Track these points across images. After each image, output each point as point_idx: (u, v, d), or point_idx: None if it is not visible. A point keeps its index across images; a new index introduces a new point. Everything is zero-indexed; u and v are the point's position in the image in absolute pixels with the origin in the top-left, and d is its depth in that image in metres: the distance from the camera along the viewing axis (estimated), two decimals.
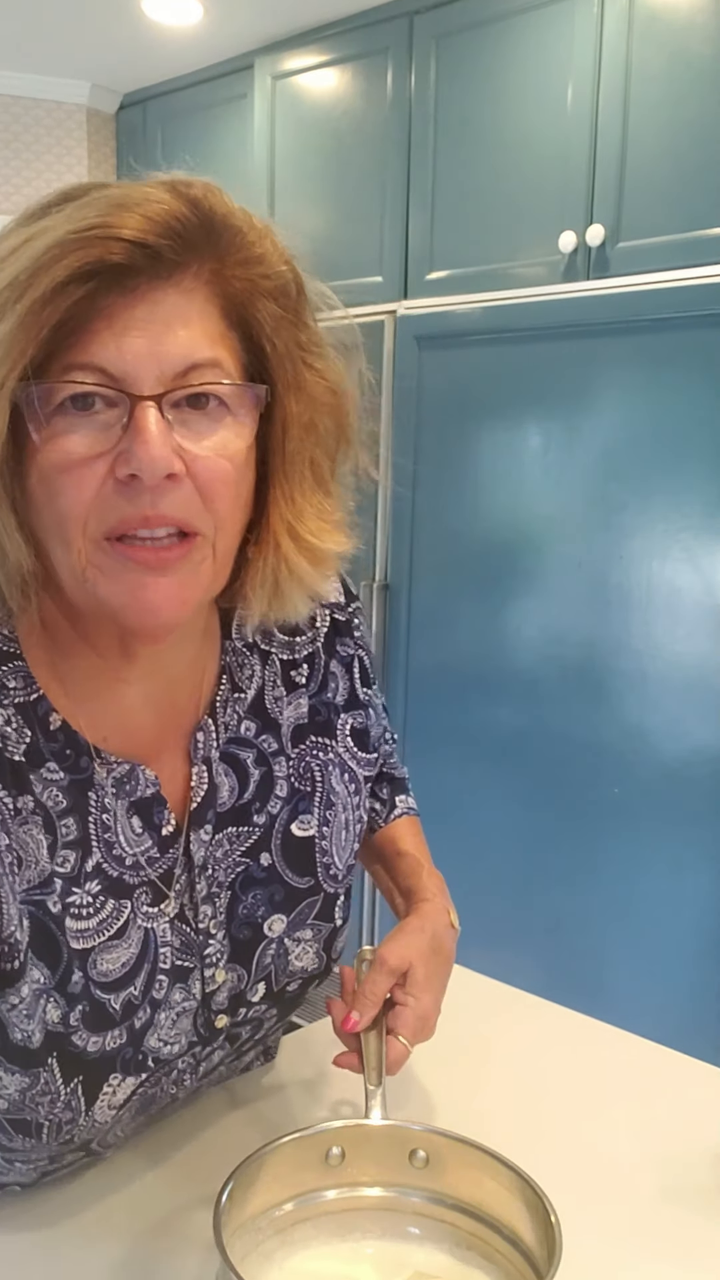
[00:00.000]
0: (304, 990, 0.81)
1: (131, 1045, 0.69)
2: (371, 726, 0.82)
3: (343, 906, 0.79)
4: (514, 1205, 0.69)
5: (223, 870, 0.73)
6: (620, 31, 1.95)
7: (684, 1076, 0.97)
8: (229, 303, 0.61)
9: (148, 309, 0.57)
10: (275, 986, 0.77)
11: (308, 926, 0.77)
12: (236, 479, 0.61)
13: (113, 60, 2.69)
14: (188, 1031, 0.73)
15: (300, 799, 0.77)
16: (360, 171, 2.37)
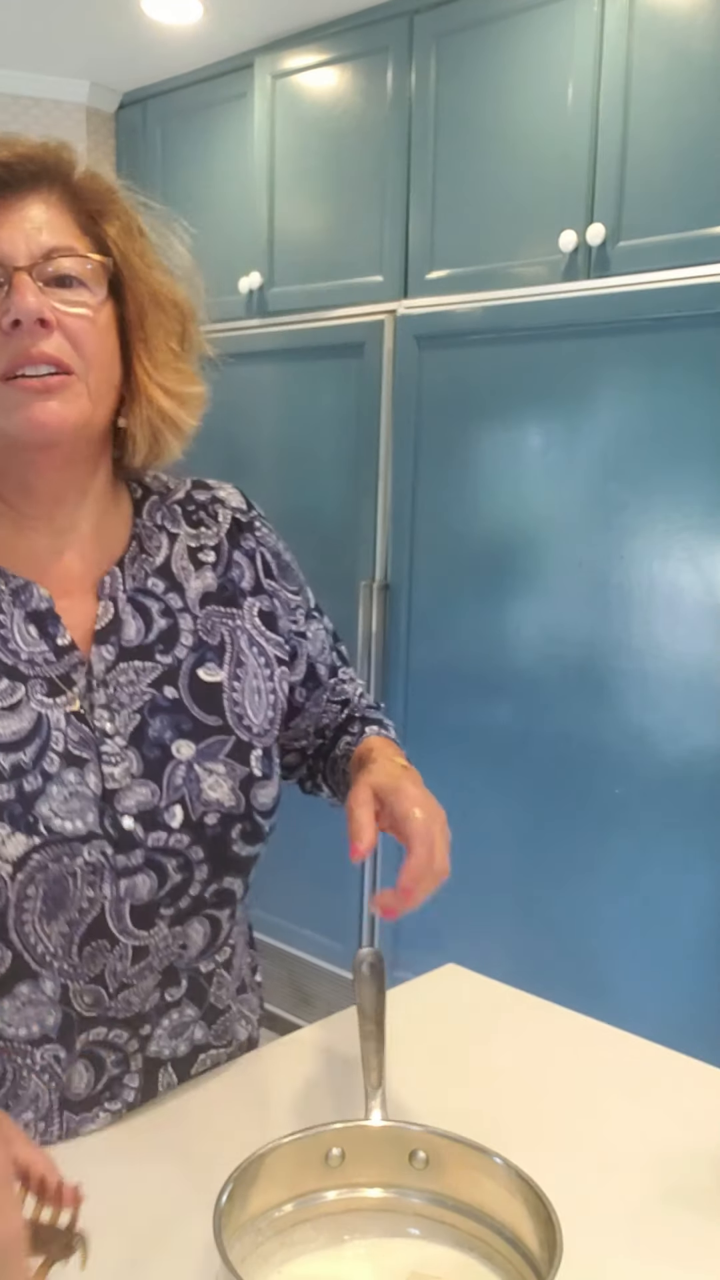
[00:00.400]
0: (226, 832, 0.84)
1: (20, 804, 0.77)
2: (279, 615, 0.94)
3: (261, 761, 0.87)
4: (514, 1206, 0.69)
5: (127, 694, 0.83)
6: (621, 30, 1.94)
7: (684, 1076, 0.97)
8: (80, 215, 0.82)
9: (18, 211, 0.78)
10: (193, 815, 0.83)
11: (220, 761, 0.85)
12: (98, 334, 0.80)
13: (112, 59, 2.69)
14: (88, 818, 0.79)
15: (207, 650, 0.88)
16: (360, 170, 2.37)
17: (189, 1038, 0.91)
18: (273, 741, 0.90)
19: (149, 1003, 0.86)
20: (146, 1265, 0.71)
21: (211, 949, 0.90)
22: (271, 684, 0.91)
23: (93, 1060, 0.84)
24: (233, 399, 2.63)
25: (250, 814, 0.86)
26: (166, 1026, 0.89)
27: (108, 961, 0.81)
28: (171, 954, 0.86)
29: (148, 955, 0.84)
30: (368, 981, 0.87)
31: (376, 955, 0.90)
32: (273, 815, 0.89)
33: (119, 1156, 0.83)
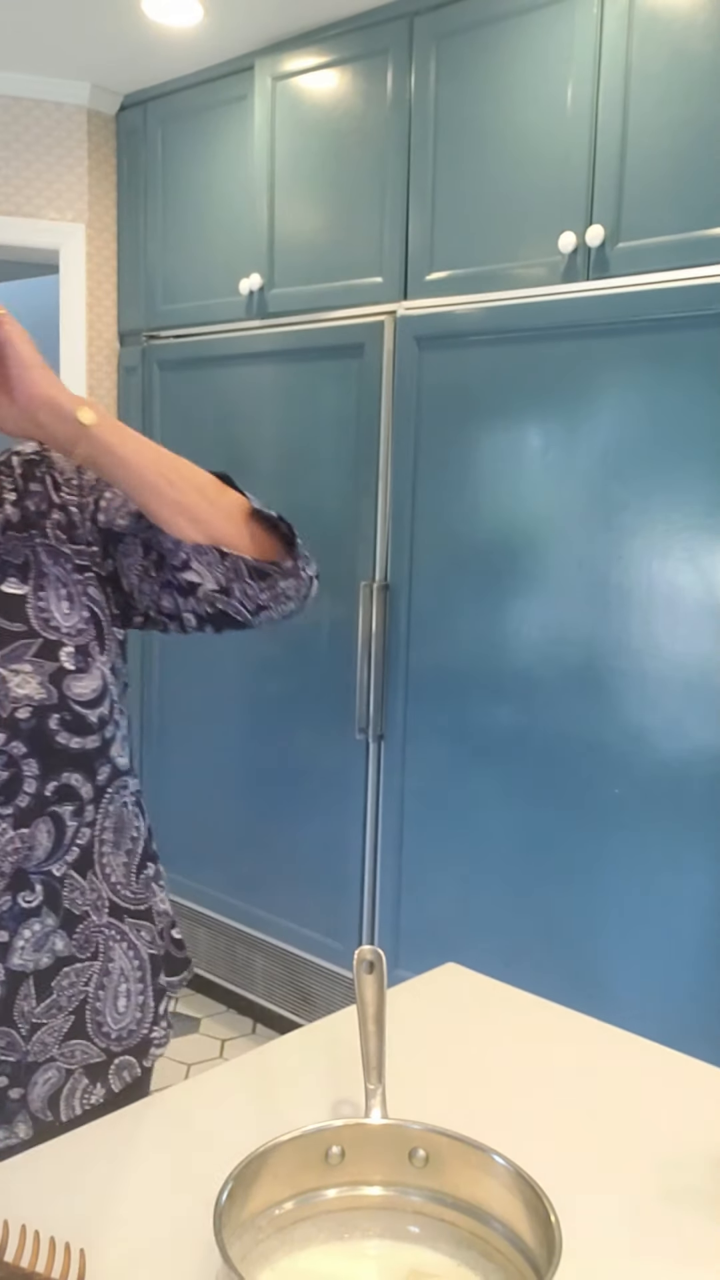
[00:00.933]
0: (43, 724, 0.89)
1: None
2: (77, 524, 0.98)
3: (74, 656, 0.93)
4: (514, 1204, 0.69)
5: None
6: (620, 31, 1.95)
7: (684, 1076, 0.97)
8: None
9: None
10: (3, 712, 0.88)
11: (25, 661, 0.90)
12: None
13: (113, 61, 2.69)
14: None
15: (9, 568, 0.94)
16: (360, 172, 2.37)
17: (50, 949, 0.92)
18: (91, 641, 0.94)
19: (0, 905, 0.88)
20: (146, 1265, 0.71)
21: (59, 850, 0.92)
22: (81, 587, 0.96)
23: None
24: (233, 400, 2.64)
25: (66, 704, 0.90)
26: (29, 937, 0.91)
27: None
28: (19, 855, 0.89)
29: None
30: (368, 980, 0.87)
31: (376, 954, 0.90)
32: (98, 706, 0.93)
33: (118, 1155, 0.83)
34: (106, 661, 0.96)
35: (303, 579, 0.98)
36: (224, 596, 0.95)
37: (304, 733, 2.52)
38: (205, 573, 0.94)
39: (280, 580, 0.96)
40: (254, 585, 0.95)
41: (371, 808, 2.40)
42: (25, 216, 2.83)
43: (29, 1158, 0.83)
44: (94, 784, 0.95)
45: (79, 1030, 0.95)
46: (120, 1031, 0.97)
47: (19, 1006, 0.91)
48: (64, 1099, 0.94)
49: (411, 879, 2.34)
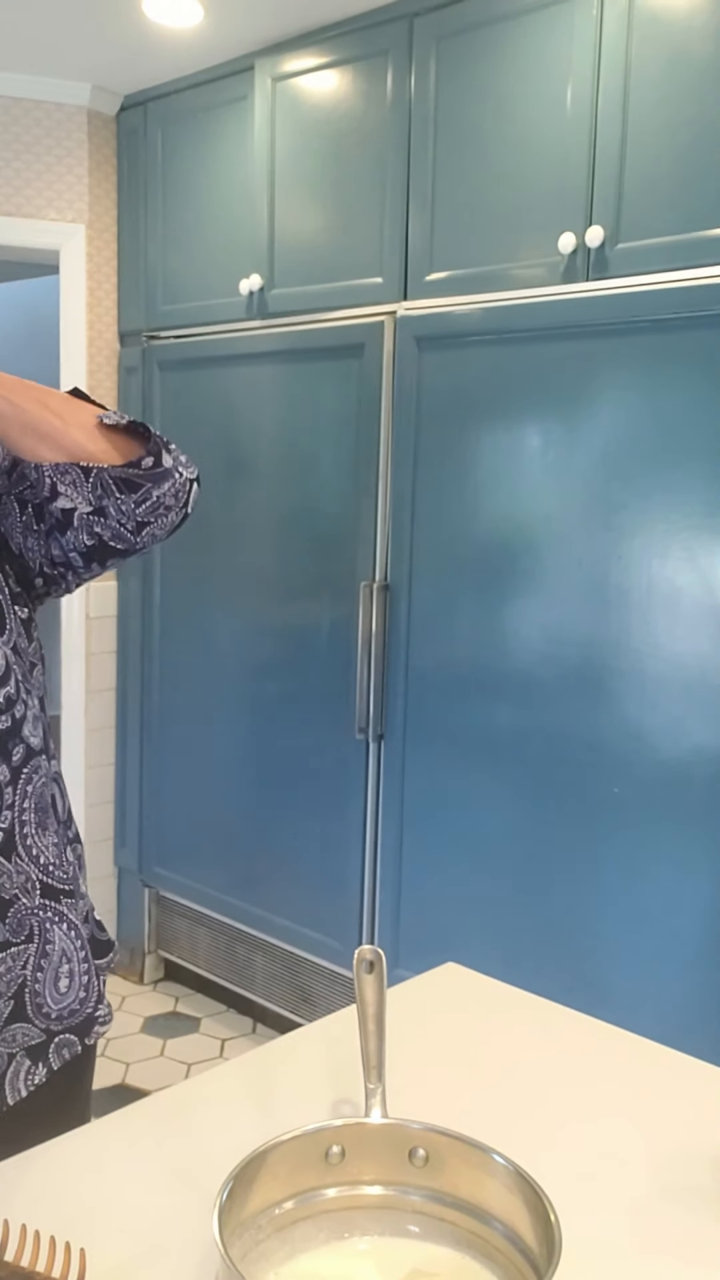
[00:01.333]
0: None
1: None
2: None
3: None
4: (513, 1203, 0.69)
5: None
6: (620, 33, 1.95)
7: (684, 1076, 0.98)
8: None
9: None
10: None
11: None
12: None
13: (113, 62, 2.69)
14: None
15: None
16: (360, 173, 2.37)
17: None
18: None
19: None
20: (146, 1265, 0.71)
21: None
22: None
23: None
24: (233, 400, 2.64)
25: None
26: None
27: None
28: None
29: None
30: (368, 980, 0.87)
31: (376, 954, 0.90)
32: (2, 687, 0.91)
33: (118, 1155, 0.83)
34: (6, 641, 0.94)
35: (178, 480, 0.94)
36: (100, 519, 0.92)
37: (304, 733, 2.52)
38: (74, 493, 0.91)
39: (153, 488, 0.92)
40: (127, 500, 0.92)
41: (371, 808, 2.40)
42: (25, 217, 2.83)
43: (29, 1157, 0.83)
44: (9, 765, 0.93)
45: (19, 1014, 0.94)
46: (61, 1011, 0.96)
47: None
48: (8, 1083, 0.93)
49: (411, 879, 2.34)
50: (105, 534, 0.93)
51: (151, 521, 0.94)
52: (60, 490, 0.91)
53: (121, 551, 0.95)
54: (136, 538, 0.94)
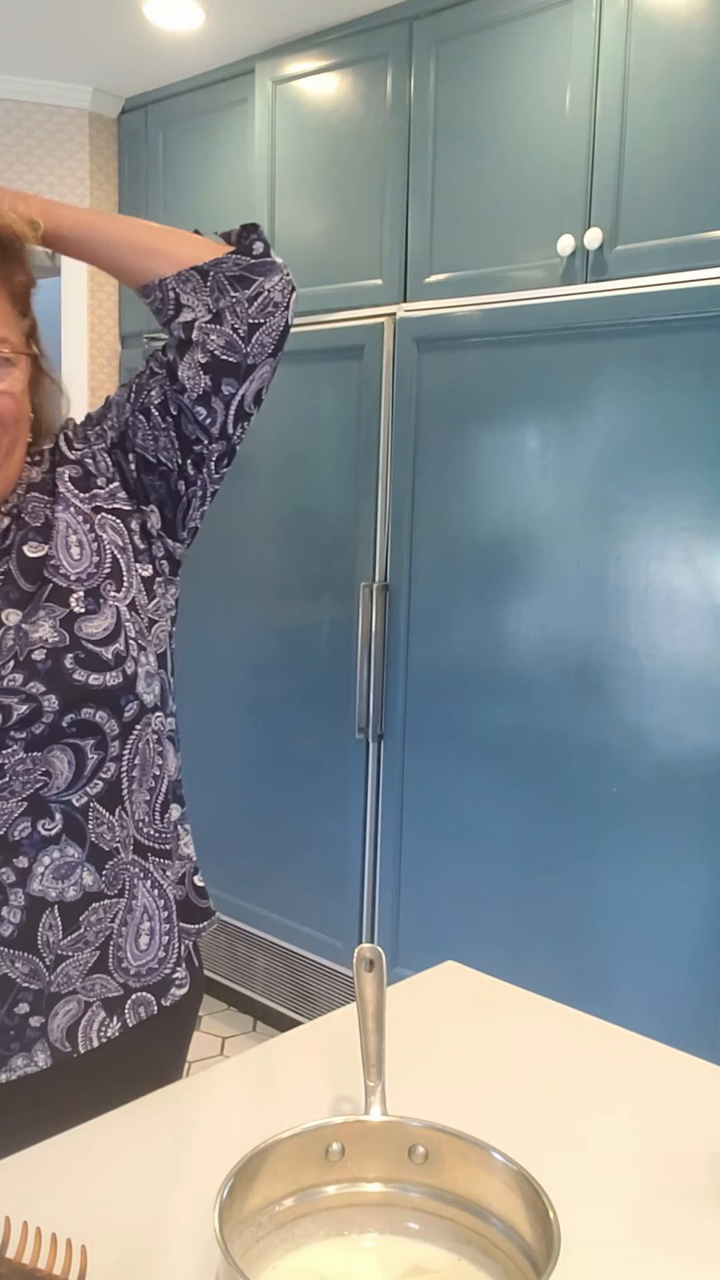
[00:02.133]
0: (59, 663, 0.92)
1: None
2: (92, 474, 1.02)
3: (84, 600, 0.96)
4: (513, 1201, 0.69)
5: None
6: (618, 35, 1.95)
7: (684, 1076, 0.98)
8: (12, 292, 0.94)
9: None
10: (20, 656, 0.92)
11: (40, 608, 0.95)
12: (19, 406, 0.95)
13: (114, 65, 2.70)
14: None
15: (29, 530, 0.98)
16: (360, 175, 2.38)
17: (78, 881, 0.94)
18: (103, 580, 0.97)
19: (17, 830, 0.91)
20: (147, 1262, 0.72)
21: (80, 781, 0.94)
22: (93, 532, 0.99)
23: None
24: None
25: (79, 644, 0.93)
26: (49, 865, 0.93)
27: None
28: (34, 781, 0.92)
29: (4, 775, 0.90)
30: (368, 978, 0.88)
31: (376, 952, 0.91)
32: (112, 643, 0.95)
33: (118, 1153, 0.83)
34: (123, 598, 0.98)
35: (284, 274, 1.01)
36: (217, 325, 0.98)
37: (304, 733, 2.53)
38: (194, 301, 0.99)
39: (264, 280, 0.99)
40: (241, 298, 0.98)
41: (371, 807, 2.41)
42: None
43: (29, 1155, 0.83)
44: (120, 720, 0.96)
45: (102, 965, 0.97)
46: (140, 969, 0.99)
47: (43, 936, 0.93)
48: (81, 1031, 0.96)
49: (411, 877, 2.34)
50: (219, 343, 0.98)
51: (262, 323, 0.99)
52: (183, 301, 0.99)
53: (234, 366, 0.99)
54: (248, 345, 0.99)
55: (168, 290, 0.99)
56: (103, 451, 1.03)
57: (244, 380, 1.01)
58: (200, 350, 0.98)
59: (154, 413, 1.00)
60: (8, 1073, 0.93)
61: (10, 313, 0.94)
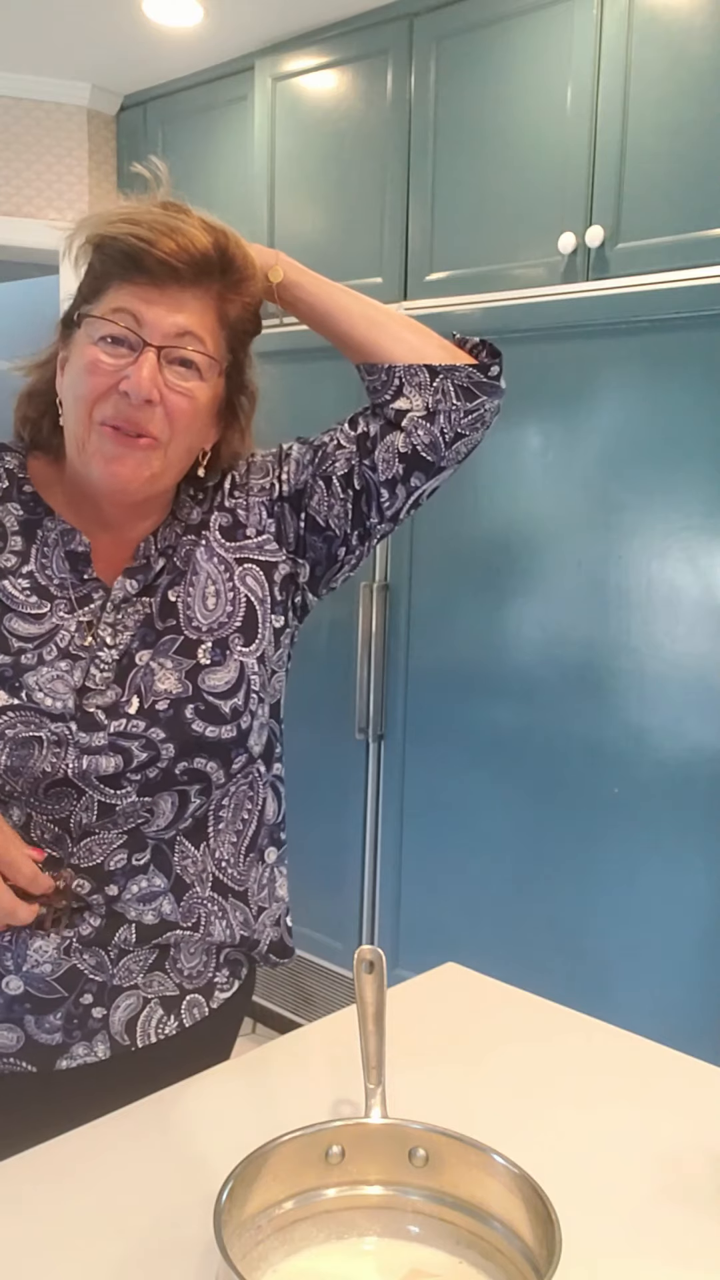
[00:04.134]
0: (179, 714, 0.95)
1: (12, 670, 0.92)
2: (242, 524, 1.04)
3: (211, 651, 0.98)
4: (513, 1204, 0.69)
5: (132, 620, 0.98)
6: (620, 33, 1.95)
7: (684, 1076, 0.98)
8: (223, 313, 0.96)
9: (171, 301, 0.91)
10: (145, 703, 0.94)
11: (168, 657, 0.97)
12: (194, 414, 0.94)
13: (113, 62, 2.69)
14: (64, 701, 0.93)
15: (176, 574, 1.01)
16: (360, 173, 2.37)
17: (157, 909, 0.97)
18: (232, 633, 0.99)
19: (114, 860, 0.95)
20: (146, 1264, 0.71)
21: (179, 822, 0.98)
22: (232, 584, 1.01)
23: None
24: None
25: (200, 696, 0.96)
26: (135, 892, 0.96)
27: (74, 811, 0.92)
28: (138, 818, 0.95)
29: (113, 814, 0.93)
30: (368, 980, 0.88)
31: (376, 954, 0.90)
32: (232, 697, 0.97)
33: (118, 1155, 0.83)
34: (253, 651, 1.00)
35: (501, 399, 1.05)
36: (427, 423, 1.02)
37: (304, 733, 2.52)
38: (414, 396, 1.02)
39: (487, 400, 1.04)
40: (459, 406, 1.02)
41: (371, 808, 2.40)
42: (25, 217, 2.83)
43: (30, 1155, 0.83)
44: (226, 770, 0.98)
45: (159, 964, 1.00)
46: (191, 970, 1.02)
47: (116, 941, 0.97)
48: (140, 1025, 0.99)
49: (411, 879, 2.34)
50: (424, 440, 1.02)
51: (466, 434, 1.04)
52: (405, 392, 1.02)
53: (428, 464, 1.03)
54: (448, 449, 1.04)
55: (395, 376, 1.03)
56: (260, 505, 1.05)
57: (431, 478, 1.06)
58: (404, 439, 1.02)
59: (335, 482, 1.04)
60: (69, 1060, 0.96)
61: (215, 328, 0.94)
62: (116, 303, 0.90)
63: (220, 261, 0.93)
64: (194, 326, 0.92)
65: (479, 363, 1.05)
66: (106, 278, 0.92)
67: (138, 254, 0.89)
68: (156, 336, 0.90)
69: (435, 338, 1.06)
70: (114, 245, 0.91)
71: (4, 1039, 0.94)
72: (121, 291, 0.91)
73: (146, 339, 0.90)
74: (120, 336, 0.90)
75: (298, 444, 1.10)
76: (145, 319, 0.90)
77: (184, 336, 0.91)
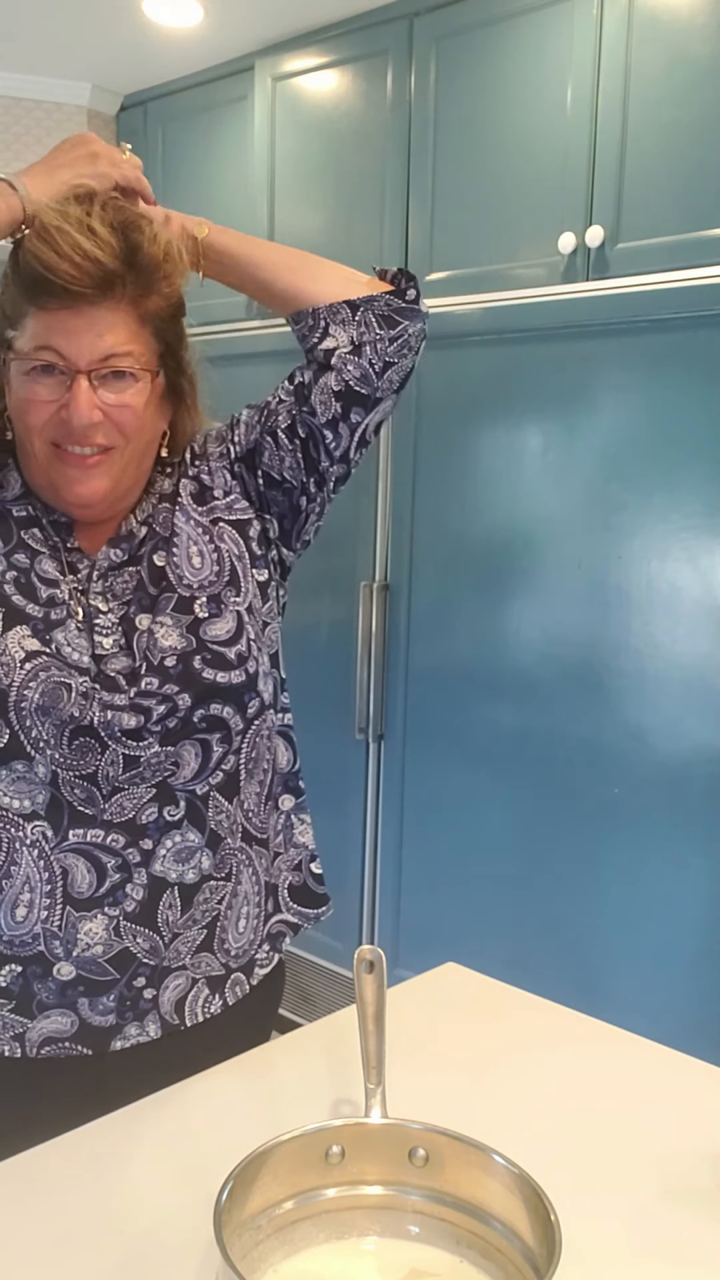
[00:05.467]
0: (188, 665, 0.99)
1: (43, 623, 0.97)
2: (210, 488, 1.08)
3: (205, 605, 1.02)
4: (513, 1204, 0.69)
5: (120, 587, 1.02)
6: (619, 33, 1.95)
7: (684, 1076, 0.98)
8: (144, 314, 0.95)
9: (87, 322, 0.92)
10: (153, 661, 0.99)
11: (166, 615, 1.01)
12: (140, 417, 0.97)
13: (113, 61, 2.69)
14: (86, 657, 0.97)
15: (158, 540, 1.04)
16: (360, 173, 2.37)
17: (196, 865, 1.00)
18: (224, 588, 1.03)
19: (145, 814, 0.97)
20: (146, 1264, 0.71)
21: (204, 772, 1.01)
22: (213, 544, 1.05)
23: (93, 862, 0.96)
24: (233, 400, 2.63)
25: (205, 646, 1.00)
26: (170, 848, 0.99)
27: (99, 765, 0.96)
28: (164, 770, 0.98)
29: (138, 766, 0.97)
30: (368, 980, 0.88)
31: (376, 953, 0.90)
32: (235, 644, 1.01)
33: (118, 1155, 0.83)
34: (241, 602, 1.04)
35: (424, 322, 1.07)
36: (355, 357, 1.04)
37: (304, 733, 2.52)
38: (339, 332, 1.04)
39: (409, 325, 1.05)
40: (383, 335, 1.04)
41: (371, 808, 2.40)
42: None
43: (30, 1155, 0.83)
44: (244, 716, 1.02)
45: (207, 944, 1.03)
46: (237, 950, 1.05)
47: (163, 915, 0.99)
48: (188, 1005, 1.01)
49: (411, 878, 2.34)
50: (354, 374, 1.04)
51: (395, 362, 1.05)
52: (330, 330, 1.04)
53: (363, 398, 1.05)
54: (379, 380, 1.06)
55: (319, 318, 1.05)
56: (222, 469, 1.09)
57: (370, 411, 1.07)
58: (335, 377, 1.04)
59: (281, 435, 1.07)
60: (122, 1040, 0.98)
61: (138, 331, 0.95)
62: (37, 338, 0.92)
63: (130, 267, 0.92)
64: (117, 342, 0.93)
65: (395, 289, 1.06)
66: (23, 303, 0.93)
67: (43, 282, 0.90)
68: (83, 362, 0.92)
69: (358, 275, 1.08)
70: (25, 265, 0.91)
71: (59, 1024, 0.96)
72: (39, 321, 0.92)
73: (74, 366, 0.92)
74: (50, 364, 0.93)
75: (246, 409, 1.13)
76: (68, 351, 0.92)
77: (110, 356, 0.93)
